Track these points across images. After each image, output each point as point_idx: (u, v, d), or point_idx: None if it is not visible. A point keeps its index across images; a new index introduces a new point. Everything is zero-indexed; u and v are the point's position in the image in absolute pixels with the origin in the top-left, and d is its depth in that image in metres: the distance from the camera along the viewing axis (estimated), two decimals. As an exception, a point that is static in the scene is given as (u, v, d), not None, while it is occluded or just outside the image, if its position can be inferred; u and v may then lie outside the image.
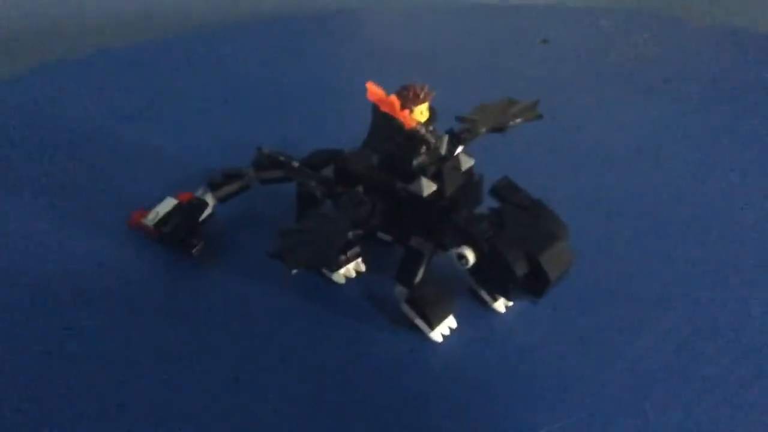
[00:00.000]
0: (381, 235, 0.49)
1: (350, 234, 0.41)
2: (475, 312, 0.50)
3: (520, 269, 0.41)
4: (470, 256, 0.42)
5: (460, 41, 1.01)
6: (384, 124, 0.45)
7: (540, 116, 0.53)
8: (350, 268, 0.52)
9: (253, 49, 0.94)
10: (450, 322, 0.48)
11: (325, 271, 0.52)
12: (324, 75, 0.86)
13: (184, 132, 0.72)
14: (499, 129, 0.51)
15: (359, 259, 0.53)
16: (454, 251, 0.43)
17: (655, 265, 0.55)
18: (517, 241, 0.41)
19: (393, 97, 0.42)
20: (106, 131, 0.72)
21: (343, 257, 0.51)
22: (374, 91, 0.41)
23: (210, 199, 0.55)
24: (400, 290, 0.48)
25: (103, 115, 0.75)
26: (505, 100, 0.55)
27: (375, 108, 0.46)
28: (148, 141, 0.70)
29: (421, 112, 0.44)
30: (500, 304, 0.50)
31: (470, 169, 0.47)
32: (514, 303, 0.50)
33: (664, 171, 0.68)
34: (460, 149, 0.47)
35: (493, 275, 0.43)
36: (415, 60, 0.92)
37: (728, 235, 0.58)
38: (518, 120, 0.52)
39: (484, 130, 0.50)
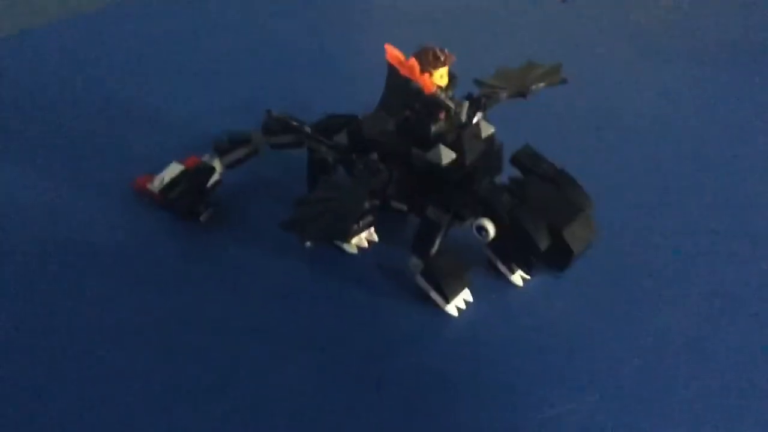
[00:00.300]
0: (395, 204, 0.47)
1: (366, 204, 0.39)
2: (492, 285, 0.48)
3: (543, 242, 0.39)
4: (490, 229, 0.41)
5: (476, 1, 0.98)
6: (400, 89, 0.43)
7: (564, 80, 0.51)
8: (363, 238, 0.50)
9: (264, 6, 0.91)
10: (466, 296, 0.47)
11: (336, 240, 0.50)
12: (336, 34, 0.84)
13: (192, 93, 0.69)
14: (521, 94, 0.49)
15: (372, 229, 0.51)
16: (473, 223, 0.41)
17: (678, 237, 0.53)
18: (540, 213, 0.40)
19: (413, 60, 0.39)
20: (109, 92, 0.69)
21: (355, 226, 0.49)
22: (393, 53, 0.39)
23: (217, 165, 0.53)
24: (415, 262, 0.46)
25: (107, 75, 0.73)
26: (525, 63, 0.52)
27: (391, 70, 0.43)
28: (154, 102, 0.67)
29: (441, 76, 0.42)
30: (518, 277, 0.48)
31: (491, 137, 0.45)
32: (533, 276, 0.48)
33: (689, 139, 0.65)
34: (479, 116, 0.45)
35: (514, 247, 0.41)
36: (429, 20, 0.88)
37: (751, 205, 0.56)
38: (541, 84, 0.50)
39: (505, 95, 0.48)
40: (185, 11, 0.88)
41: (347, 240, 0.49)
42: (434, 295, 0.46)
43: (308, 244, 0.38)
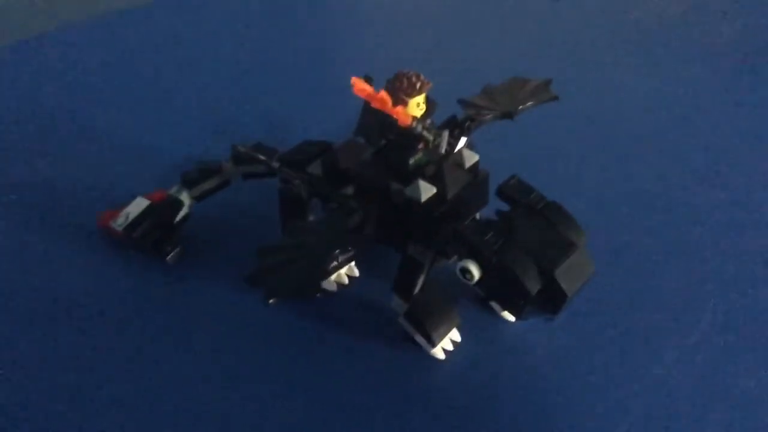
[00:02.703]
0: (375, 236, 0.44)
1: (337, 252, 0.36)
2: (482, 321, 0.45)
3: (533, 286, 0.36)
4: (475, 272, 0.37)
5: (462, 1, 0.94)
6: (375, 119, 0.40)
7: (555, 98, 0.47)
8: (342, 273, 0.47)
9: (235, 18, 0.87)
10: (454, 336, 0.43)
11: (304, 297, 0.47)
12: (313, 46, 0.80)
13: (157, 116, 0.65)
14: (508, 115, 0.45)
15: (352, 264, 0.47)
16: (457, 264, 0.38)
17: (687, 262, 0.49)
18: (529, 253, 0.36)
19: (383, 93, 0.36)
20: (66, 119, 0.65)
21: (334, 263, 0.45)
22: (361, 87, 0.36)
23: (186, 198, 0.49)
24: (397, 302, 0.43)
25: (63, 100, 0.68)
26: (512, 79, 0.49)
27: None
28: (116, 127, 0.63)
29: (417, 104, 0.39)
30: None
31: (474, 166, 0.41)
32: (523, 321, 0.45)
33: (699, 150, 0.61)
34: (462, 142, 0.42)
35: (502, 291, 0.38)
36: (415, 25, 0.85)
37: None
38: (529, 104, 0.46)
39: (490, 117, 0.45)
40: (149, 29, 0.83)
41: (317, 293, 0.45)
42: (419, 338, 0.42)
43: (272, 301, 0.35)
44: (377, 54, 0.76)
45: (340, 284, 0.47)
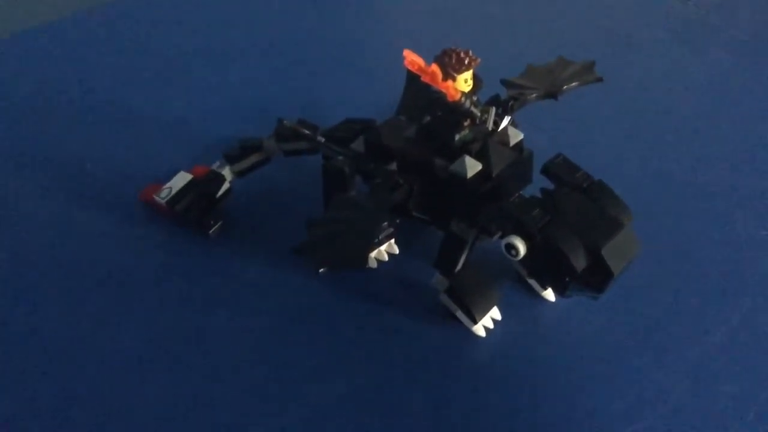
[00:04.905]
0: (417, 213, 0.44)
1: (384, 224, 0.36)
2: (522, 301, 0.45)
3: (579, 263, 0.36)
4: (521, 247, 0.37)
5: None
6: (421, 94, 0.40)
7: (599, 79, 0.47)
8: (382, 251, 0.47)
9: (273, 0, 0.87)
10: (494, 314, 0.43)
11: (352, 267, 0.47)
12: (353, 29, 0.80)
13: (200, 95, 0.66)
14: (552, 95, 0.45)
15: (392, 241, 0.47)
16: (502, 241, 0.38)
17: (728, 248, 0.49)
18: (575, 230, 0.36)
19: (434, 67, 0.36)
20: (112, 96, 0.66)
21: (374, 240, 0.46)
22: (412, 59, 0.36)
23: (227, 174, 0.50)
24: (438, 279, 0.43)
25: (108, 79, 0.69)
26: (556, 60, 0.49)
27: (410, 74, 0.40)
28: (160, 106, 0.64)
29: (465, 81, 0.39)
30: (550, 292, 0.45)
31: (519, 144, 0.41)
32: (567, 299, 0.45)
33: (739, 137, 0.61)
34: (507, 120, 0.42)
35: (547, 268, 0.38)
36: (452, 11, 0.84)
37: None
38: (573, 84, 0.46)
39: (534, 96, 0.45)
40: (189, 8, 0.83)
41: (364, 263, 0.46)
42: (460, 314, 0.43)
43: (322, 270, 0.35)
44: (414, 37, 0.76)
45: (380, 261, 0.47)
